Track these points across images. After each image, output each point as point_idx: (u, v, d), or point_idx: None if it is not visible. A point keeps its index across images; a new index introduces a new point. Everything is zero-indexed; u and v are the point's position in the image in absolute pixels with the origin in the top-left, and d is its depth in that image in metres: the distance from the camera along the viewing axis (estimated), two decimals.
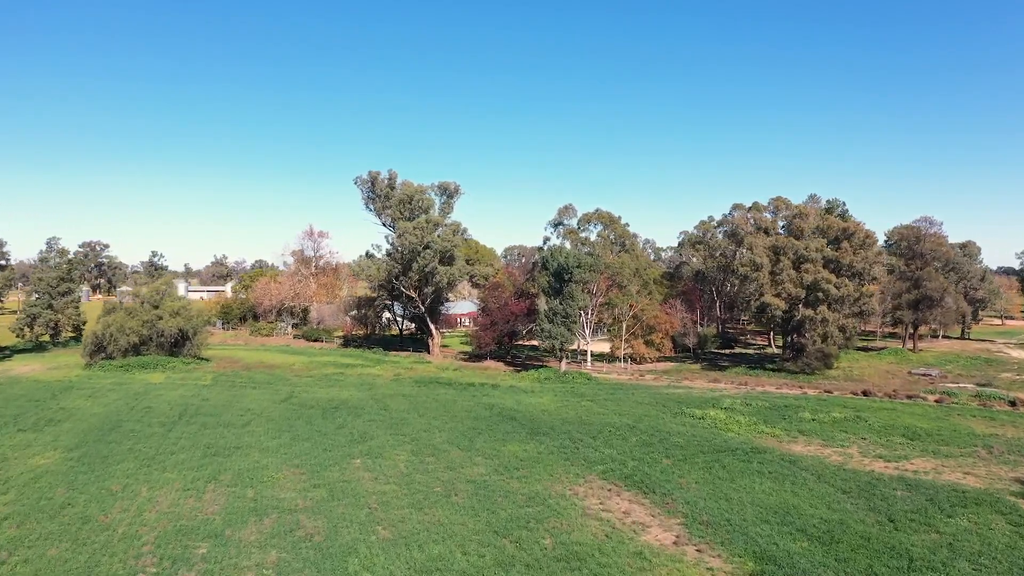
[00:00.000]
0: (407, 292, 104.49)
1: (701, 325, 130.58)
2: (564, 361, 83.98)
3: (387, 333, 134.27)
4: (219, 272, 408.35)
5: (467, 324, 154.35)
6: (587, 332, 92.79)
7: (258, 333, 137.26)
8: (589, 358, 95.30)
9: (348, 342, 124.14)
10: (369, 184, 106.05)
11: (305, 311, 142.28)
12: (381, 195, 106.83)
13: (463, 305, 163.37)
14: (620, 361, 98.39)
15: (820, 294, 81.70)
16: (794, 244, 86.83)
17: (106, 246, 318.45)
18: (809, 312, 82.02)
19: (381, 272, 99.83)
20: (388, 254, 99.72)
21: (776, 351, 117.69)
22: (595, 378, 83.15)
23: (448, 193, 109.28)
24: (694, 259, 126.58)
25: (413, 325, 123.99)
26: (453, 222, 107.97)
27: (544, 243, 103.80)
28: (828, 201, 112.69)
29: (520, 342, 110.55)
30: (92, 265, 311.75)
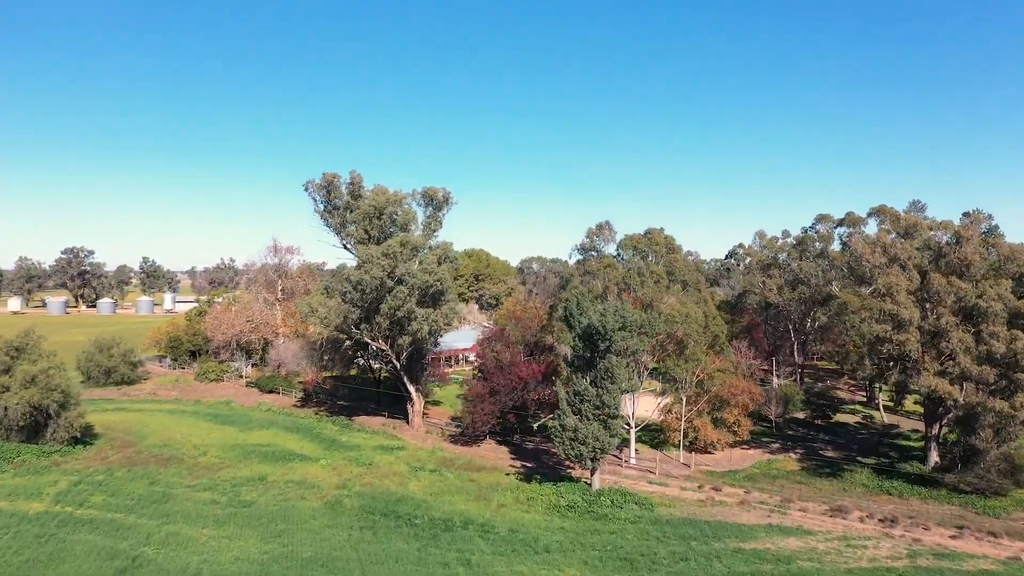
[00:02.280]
0: (373, 344, 74.64)
1: (776, 375, 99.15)
2: (598, 474, 53.41)
3: (366, 376, 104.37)
4: (219, 278, 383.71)
5: (472, 360, 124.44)
6: (632, 418, 62.19)
7: (205, 377, 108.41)
8: (633, 452, 64.61)
9: (309, 397, 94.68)
10: (324, 191, 76.27)
11: (266, 347, 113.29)
12: (341, 206, 77.03)
13: (465, 336, 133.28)
14: (676, 447, 67.80)
15: (1021, 375, 50.21)
16: (959, 288, 55.42)
17: (90, 252, 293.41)
18: (1001, 404, 50.58)
19: (333, 315, 70.03)
20: (343, 294, 69.84)
21: (886, 419, 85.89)
22: (647, 501, 52.54)
23: (434, 203, 79.16)
24: (770, 288, 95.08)
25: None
26: (441, 244, 77.78)
27: (565, 283, 72.80)
28: (966, 215, 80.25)
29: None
30: (75, 273, 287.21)
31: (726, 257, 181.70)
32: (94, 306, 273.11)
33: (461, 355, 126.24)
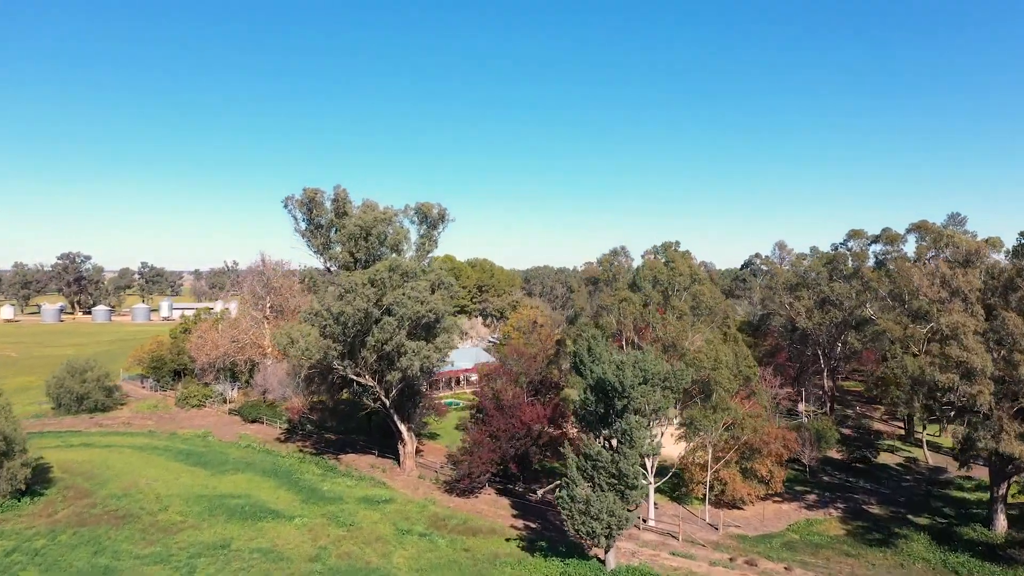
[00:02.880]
0: (357, 380, 66.73)
1: (803, 402, 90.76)
2: (613, 551, 45.27)
3: (358, 402, 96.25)
4: (219, 282, 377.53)
5: (474, 381, 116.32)
6: (652, 471, 54.03)
7: (186, 403, 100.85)
8: (652, 508, 56.41)
9: (294, 429, 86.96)
10: (306, 208, 68.42)
11: (252, 370, 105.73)
12: (324, 225, 69.16)
13: (467, 355, 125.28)
14: (700, 500, 59.67)
15: None
16: None
17: (87, 257, 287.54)
18: None
19: (315, 349, 62.12)
20: (322, 328, 61.84)
21: (930, 459, 77.28)
22: None
23: (429, 221, 71.25)
24: (798, 311, 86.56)
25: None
26: (435, 268, 69.78)
27: (574, 318, 64.42)
28: None
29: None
30: (71, 279, 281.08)
31: (742, 267, 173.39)
32: (90, 313, 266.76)
33: (462, 376, 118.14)
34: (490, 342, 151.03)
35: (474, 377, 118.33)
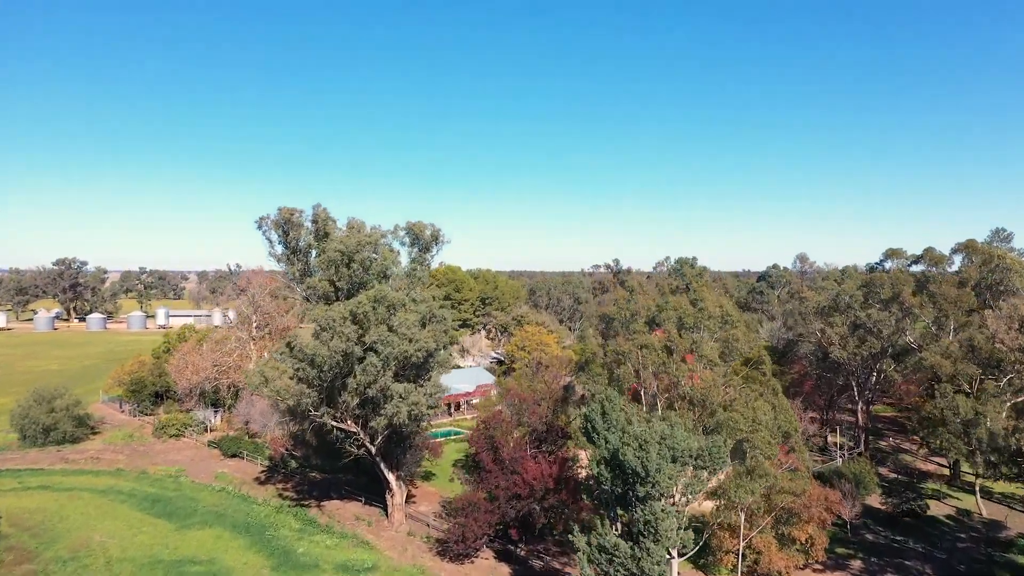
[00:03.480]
0: (337, 426, 58.95)
1: (834, 433, 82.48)
2: None
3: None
4: (220, 287, 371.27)
5: (475, 404, 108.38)
6: (675, 560, 45.92)
7: (164, 432, 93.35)
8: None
9: (276, 467, 79.39)
10: (281, 230, 60.69)
11: (237, 394, 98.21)
12: (303, 249, 61.42)
13: (468, 376, 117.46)
14: (731, 571, 51.58)
15: None
16: None
17: (83, 263, 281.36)
18: None
19: (286, 395, 54.34)
20: (296, 371, 54.07)
21: (984, 510, 68.75)
22: None
23: (420, 243, 63.49)
24: (831, 339, 78.26)
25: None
26: (426, 298, 61.87)
27: (584, 364, 56.07)
28: None
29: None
30: (67, 285, 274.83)
31: (759, 279, 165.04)
32: (84, 320, 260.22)
33: (462, 401, 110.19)
34: (493, 359, 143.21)
35: (476, 400, 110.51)
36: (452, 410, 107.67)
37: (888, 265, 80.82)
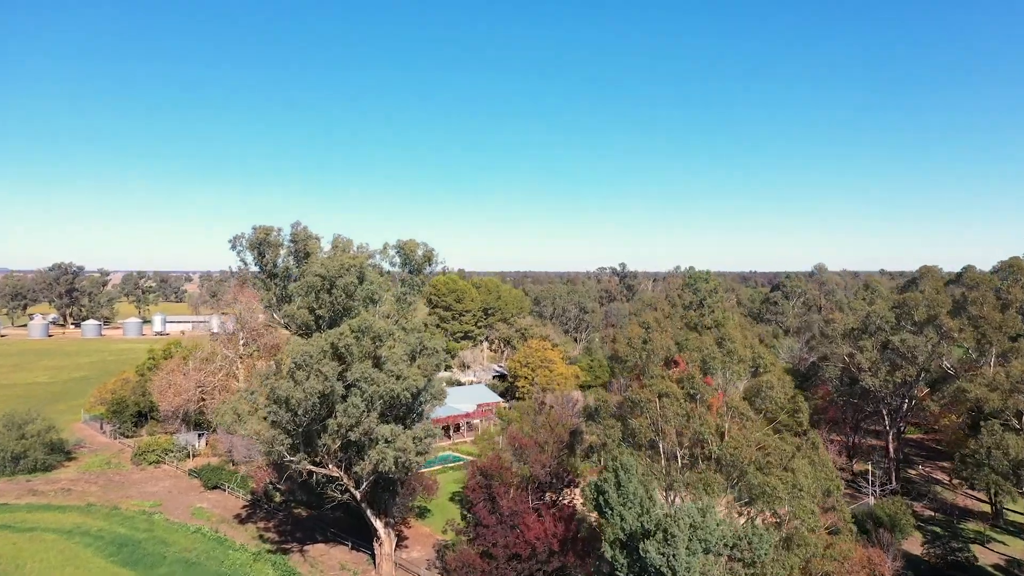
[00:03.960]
0: (317, 471, 52.90)
1: (859, 458, 75.93)
2: None
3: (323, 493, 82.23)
4: (221, 291, 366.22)
5: (476, 425, 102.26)
6: None
7: (143, 459, 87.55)
8: None
9: (259, 503, 73.47)
10: (256, 251, 54.70)
11: None
12: (280, 273, 55.43)
13: (469, 394, 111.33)
14: None
15: None
16: None
17: (80, 268, 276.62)
18: None
19: (260, 438, 48.36)
20: (268, 414, 48.12)
21: None
22: None
23: (412, 264, 57.47)
24: (861, 364, 71.83)
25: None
26: (417, 326, 55.77)
27: (594, 412, 49.52)
28: None
29: None
30: (63, 291, 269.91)
31: (772, 289, 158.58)
32: (80, 326, 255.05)
33: (462, 422, 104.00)
34: (496, 373, 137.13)
35: (477, 421, 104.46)
36: (451, 432, 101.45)
37: (923, 285, 74.32)
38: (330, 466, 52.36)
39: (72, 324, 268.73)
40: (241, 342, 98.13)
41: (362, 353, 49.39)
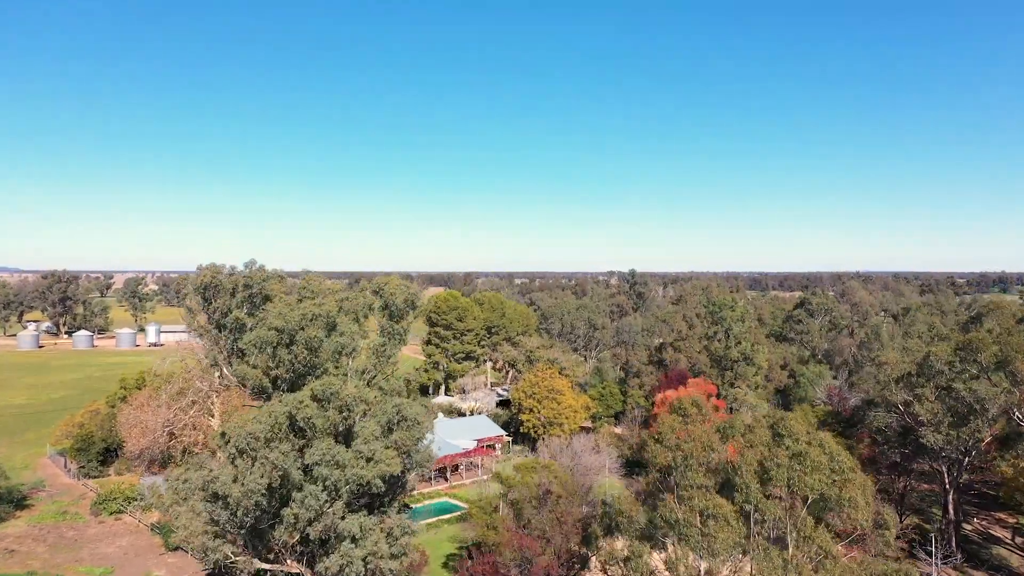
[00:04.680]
0: (272, 569, 43.43)
1: (906, 511, 65.72)
2: None
3: None
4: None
5: (479, 466, 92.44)
6: None
7: (103, 508, 78.47)
8: None
9: (225, 571, 64.03)
10: (200, 297, 45.25)
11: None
12: (231, 324, 46.01)
13: (469, 427, 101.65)
14: None
15: None
16: None
17: (75, 277, 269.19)
18: None
19: (193, 547, 38.99)
20: (202, 511, 38.86)
21: None
22: None
23: (392, 310, 47.92)
24: (920, 415, 61.80)
25: None
26: (395, 386, 46.11)
27: (611, 525, 39.45)
28: None
29: None
30: (56, 299, 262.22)
31: (796, 307, 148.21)
32: (72, 335, 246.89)
33: (462, 461, 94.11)
34: (500, 398, 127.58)
35: (479, 459, 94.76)
36: (448, 473, 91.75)
37: (990, 320, 64.22)
38: (288, 561, 42.88)
39: (66, 333, 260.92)
40: (216, 373, 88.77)
41: (326, 427, 39.94)
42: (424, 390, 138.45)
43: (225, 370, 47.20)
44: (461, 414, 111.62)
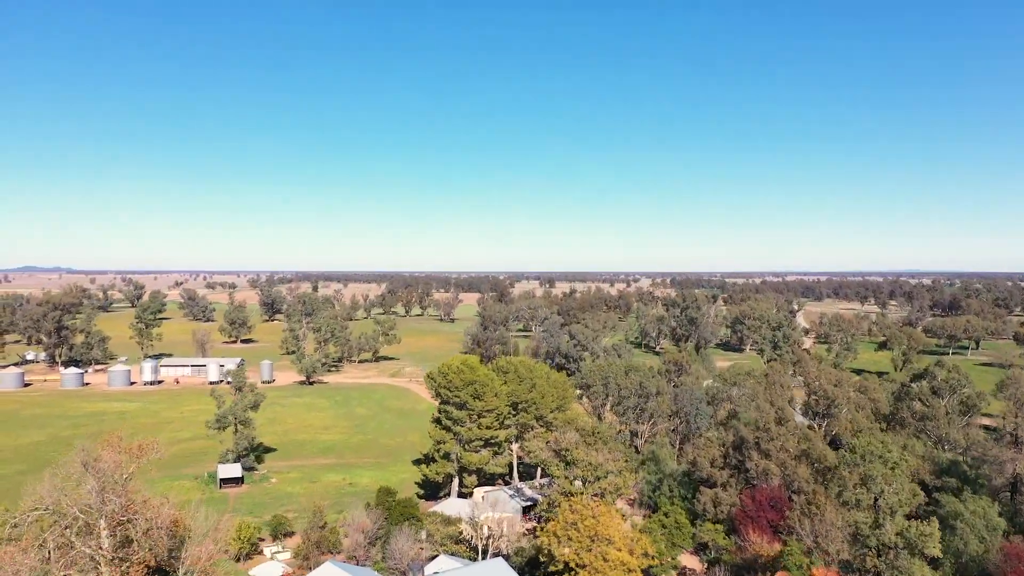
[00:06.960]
0: None
1: None
2: None
3: None
4: (238, 318, 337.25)
5: None
6: None
7: None
8: None
9: None
10: None
11: None
12: None
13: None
14: None
15: None
16: None
17: (73, 305, 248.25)
18: None
19: None
20: None
21: None
22: None
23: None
24: None
25: None
26: None
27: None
28: None
29: None
30: (51, 328, 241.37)
31: (913, 379, 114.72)
32: (69, 365, 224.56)
33: None
34: (527, 502, 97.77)
35: None
36: None
37: None
38: None
39: (62, 364, 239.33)
40: (104, 532, 60.41)
41: None
42: (433, 489, 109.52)
43: None
44: (471, 562, 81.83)
